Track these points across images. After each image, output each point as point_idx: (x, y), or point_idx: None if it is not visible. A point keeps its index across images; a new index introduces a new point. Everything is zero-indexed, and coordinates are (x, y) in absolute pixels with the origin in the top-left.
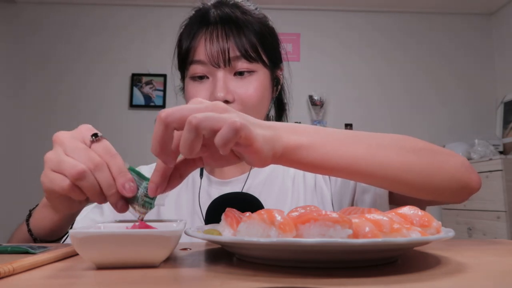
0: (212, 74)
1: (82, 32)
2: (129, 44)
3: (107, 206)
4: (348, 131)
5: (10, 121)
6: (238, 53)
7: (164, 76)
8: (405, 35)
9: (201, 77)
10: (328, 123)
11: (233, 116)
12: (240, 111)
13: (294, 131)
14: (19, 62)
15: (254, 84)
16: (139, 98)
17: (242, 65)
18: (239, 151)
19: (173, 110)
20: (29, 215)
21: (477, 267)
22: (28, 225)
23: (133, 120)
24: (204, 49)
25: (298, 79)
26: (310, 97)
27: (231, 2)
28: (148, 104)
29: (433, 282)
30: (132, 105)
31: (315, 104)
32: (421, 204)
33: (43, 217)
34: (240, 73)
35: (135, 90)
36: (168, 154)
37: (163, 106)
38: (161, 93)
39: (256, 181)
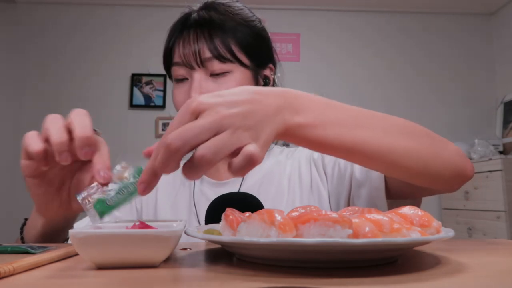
0: (190, 75)
1: (82, 32)
2: (129, 44)
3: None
4: (355, 110)
5: (10, 121)
6: (209, 54)
7: (164, 76)
8: (405, 35)
9: (182, 79)
10: None
11: (244, 139)
12: None
13: (298, 111)
14: (19, 62)
15: (229, 84)
16: (139, 98)
17: (216, 66)
18: None
19: (179, 139)
20: (24, 223)
21: (477, 267)
22: (21, 232)
23: (133, 120)
24: (179, 51)
25: (298, 79)
26: None
27: (213, 5)
28: (148, 104)
29: (433, 282)
30: (132, 105)
31: None
32: (416, 194)
33: (31, 224)
34: (216, 74)
35: (135, 90)
36: (173, 170)
37: (163, 106)
38: (161, 93)
39: (252, 181)
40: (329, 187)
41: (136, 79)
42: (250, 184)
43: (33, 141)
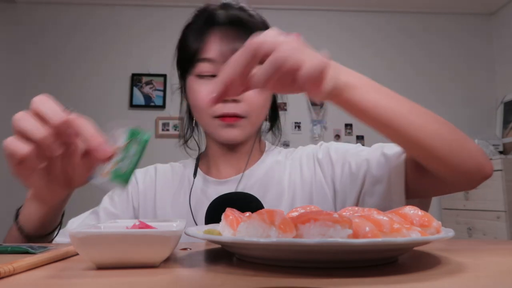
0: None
1: (83, 32)
2: (129, 44)
3: (103, 212)
4: (388, 90)
5: (11, 121)
6: None
7: (164, 76)
8: (405, 35)
9: (207, 76)
10: (328, 123)
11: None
12: (247, 111)
13: (352, 73)
14: (19, 62)
15: None
16: (139, 98)
17: None
18: (307, 86)
19: (259, 38)
20: (17, 215)
21: (477, 267)
22: (17, 223)
23: (133, 120)
24: (215, 48)
25: None
26: None
27: (236, 6)
28: (148, 104)
29: (433, 282)
30: (132, 105)
31: (315, 104)
32: (434, 189)
33: (30, 212)
34: None
35: (135, 90)
36: (243, 78)
37: (163, 106)
38: (161, 93)
39: (252, 180)
40: (335, 185)
41: (136, 79)
42: (250, 184)
43: (18, 146)
